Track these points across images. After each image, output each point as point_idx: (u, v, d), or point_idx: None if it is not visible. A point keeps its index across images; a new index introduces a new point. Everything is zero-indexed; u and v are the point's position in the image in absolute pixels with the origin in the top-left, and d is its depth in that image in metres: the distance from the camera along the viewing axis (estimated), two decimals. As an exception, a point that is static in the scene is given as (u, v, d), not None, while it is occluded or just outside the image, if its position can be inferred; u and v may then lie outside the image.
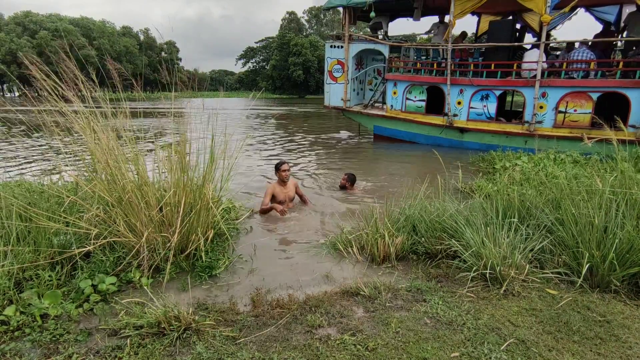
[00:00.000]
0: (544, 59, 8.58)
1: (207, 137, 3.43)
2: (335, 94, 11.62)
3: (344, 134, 13.62)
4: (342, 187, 5.86)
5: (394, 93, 10.66)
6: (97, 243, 2.83)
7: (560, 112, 8.52)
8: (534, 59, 8.66)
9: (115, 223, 2.91)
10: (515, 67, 9.01)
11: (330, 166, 8.08)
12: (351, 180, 5.80)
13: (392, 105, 10.78)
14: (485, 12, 11.32)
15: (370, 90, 12.60)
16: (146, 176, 3.13)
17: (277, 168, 4.77)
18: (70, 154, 3.47)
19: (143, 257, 2.91)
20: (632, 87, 7.79)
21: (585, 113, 8.31)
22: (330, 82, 11.61)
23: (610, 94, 8.15)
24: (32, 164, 7.64)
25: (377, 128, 11.43)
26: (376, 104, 12.00)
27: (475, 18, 12.03)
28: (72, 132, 3.14)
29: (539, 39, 8.64)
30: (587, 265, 2.76)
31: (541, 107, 8.68)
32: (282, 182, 4.77)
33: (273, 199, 4.77)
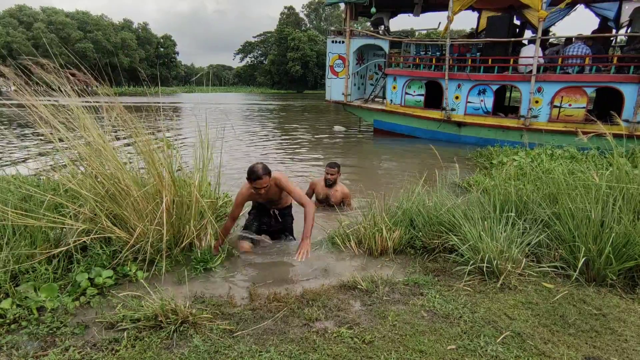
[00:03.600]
0: (541, 54, 8.59)
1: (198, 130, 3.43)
2: (336, 88, 11.64)
3: (338, 128, 13.60)
4: (332, 184, 4.56)
5: (394, 88, 10.67)
6: (89, 237, 2.81)
7: (555, 106, 8.55)
8: (530, 54, 8.66)
9: (103, 219, 2.90)
10: (512, 62, 9.02)
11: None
12: (339, 168, 4.60)
13: (391, 100, 10.79)
14: (486, 8, 11.30)
15: (371, 85, 12.61)
16: (124, 169, 3.11)
17: (250, 179, 3.18)
18: (62, 150, 3.44)
19: (135, 250, 2.91)
20: (625, 82, 7.82)
21: (580, 108, 8.34)
22: (332, 77, 11.61)
23: (608, 89, 8.17)
24: (26, 158, 7.60)
25: (377, 122, 11.45)
26: (377, 99, 12.02)
27: (476, 14, 12.01)
28: (63, 128, 3.11)
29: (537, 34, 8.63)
30: (584, 259, 2.77)
31: (537, 102, 8.71)
32: (258, 194, 3.32)
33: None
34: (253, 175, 3.17)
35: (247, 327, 2.31)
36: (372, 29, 11.90)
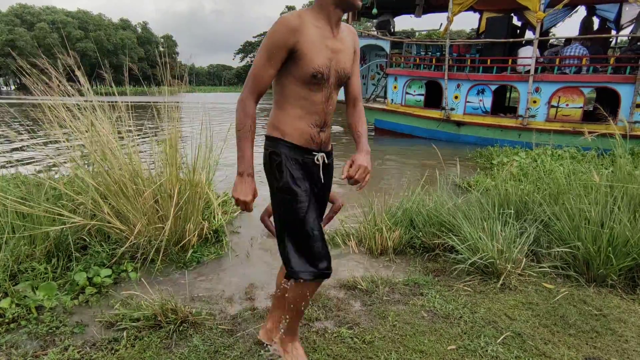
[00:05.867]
0: (538, 55, 8.61)
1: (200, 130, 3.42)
2: None
3: (336, 128, 13.58)
4: None
5: (395, 87, 10.71)
6: (91, 223, 2.80)
7: (552, 106, 8.58)
8: (527, 55, 8.69)
9: (107, 214, 2.89)
10: (510, 63, 9.04)
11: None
12: None
13: (392, 99, 10.83)
14: (487, 9, 11.33)
15: (373, 85, 12.65)
16: (140, 167, 3.11)
17: None
18: (67, 147, 3.44)
19: (134, 247, 2.89)
20: (622, 83, 7.84)
21: (577, 107, 8.37)
22: None
23: (607, 90, 8.19)
24: (29, 157, 7.59)
25: (378, 121, 11.48)
26: (378, 98, 12.05)
27: (477, 15, 12.03)
28: (68, 125, 3.11)
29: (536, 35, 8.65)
30: (584, 260, 2.77)
31: (534, 102, 8.73)
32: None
33: None
34: None
35: (247, 327, 2.31)
36: (374, 30, 11.94)
